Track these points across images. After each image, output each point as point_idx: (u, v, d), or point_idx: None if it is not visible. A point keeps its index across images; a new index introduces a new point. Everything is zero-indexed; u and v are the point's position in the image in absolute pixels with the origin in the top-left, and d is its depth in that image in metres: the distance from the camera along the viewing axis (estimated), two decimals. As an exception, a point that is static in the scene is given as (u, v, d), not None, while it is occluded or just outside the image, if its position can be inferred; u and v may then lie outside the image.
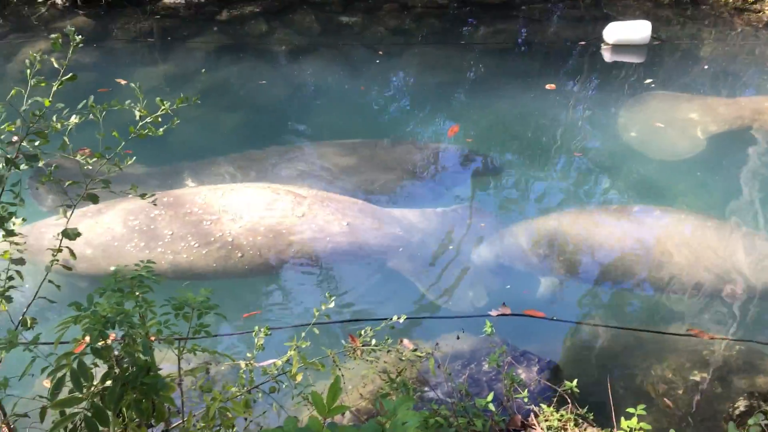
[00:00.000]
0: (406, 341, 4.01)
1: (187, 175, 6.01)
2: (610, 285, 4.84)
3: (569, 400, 3.29)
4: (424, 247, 5.03)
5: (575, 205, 6.02)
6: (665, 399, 3.70)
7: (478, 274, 4.91)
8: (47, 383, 3.03)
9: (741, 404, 3.53)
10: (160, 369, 1.92)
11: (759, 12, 10.99)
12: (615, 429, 3.08)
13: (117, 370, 1.87)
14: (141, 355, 1.88)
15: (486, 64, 9.68)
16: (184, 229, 4.64)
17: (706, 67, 9.32)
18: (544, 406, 3.27)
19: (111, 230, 4.60)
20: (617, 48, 9.72)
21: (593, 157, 6.81)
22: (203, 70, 8.68)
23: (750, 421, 3.15)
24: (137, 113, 2.30)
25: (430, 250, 5.04)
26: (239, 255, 4.55)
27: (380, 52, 9.60)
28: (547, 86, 8.39)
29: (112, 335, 1.88)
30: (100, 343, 1.84)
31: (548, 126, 7.46)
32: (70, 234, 2.32)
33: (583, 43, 10.18)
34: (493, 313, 4.26)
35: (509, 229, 5.37)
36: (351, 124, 7.58)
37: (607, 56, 9.64)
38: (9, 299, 2.24)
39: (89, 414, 1.83)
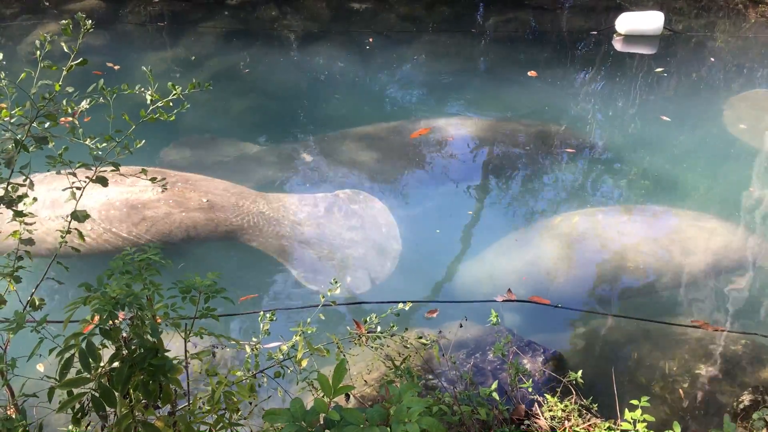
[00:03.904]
0: (431, 313, 4.06)
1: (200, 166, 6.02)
2: (614, 278, 4.83)
3: (573, 391, 3.30)
4: (296, 229, 4.99)
5: (579, 200, 5.99)
6: (673, 390, 3.70)
7: (360, 260, 4.86)
8: (41, 366, 3.06)
9: (746, 398, 3.52)
10: (167, 351, 1.93)
11: (773, 4, 10.89)
12: (619, 420, 3.08)
13: (125, 351, 1.88)
14: (149, 337, 1.89)
15: (496, 53, 9.63)
16: (39, 202, 4.60)
17: (712, 59, 9.24)
18: (548, 396, 3.28)
19: None
20: (629, 38, 9.66)
21: (598, 152, 6.77)
22: (193, 57, 8.66)
23: (754, 416, 3.15)
24: (148, 97, 2.29)
25: (303, 232, 5.00)
26: (89, 228, 4.51)
27: (371, 39, 9.54)
28: (529, 73, 8.34)
29: (121, 315, 1.89)
30: (108, 324, 1.85)
31: (554, 117, 7.43)
32: (79, 216, 2.33)
33: (594, 32, 10.11)
34: (499, 298, 4.27)
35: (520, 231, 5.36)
36: (357, 111, 7.57)
37: (619, 46, 9.57)
38: (18, 279, 2.25)
39: (96, 394, 1.85)
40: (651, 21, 9.57)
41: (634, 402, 3.01)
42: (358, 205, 5.38)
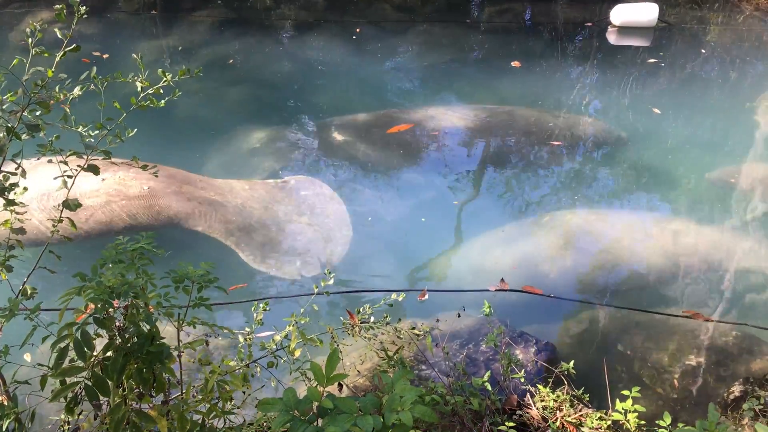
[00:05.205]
0: (422, 296, 4.07)
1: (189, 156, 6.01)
2: (606, 270, 4.85)
3: (565, 381, 3.31)
4: (242, 213, 5.00)
5: (570, 192, 5.98)
6: (664, 381, 3.72)
7: (310, 244, 4.89)
8: (28, 356, 3.05)
9: (736, 389, 3.55)
10: (162, 339, 1.93)
11: (767, -3, 10.90)
12: (610, 410, 3.10)
13: (119, 340, 1.87)
14: (144, 325, 1.89)
15: (489, 44, 9.61)
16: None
17: (703, 51, 9.24)
18: (540, 386, 3.29)
19: None
20: (623, 30, 9.65)
21: (590, 144, 6.77)
22: (180, 47, 8.60)
23: (744, 406, 3.18)
24: (139, 85, 2.28)
25: (250, 216, 5.01)
26: (28, 218, 4.48)
27: (358, 30, 9.49)
28: (513, 63, 8.33)
29: (115, 303, 1.88)
30: (103, 313, 1.84)
31: (547, 109, 7.41)
32: (71, 205, 2.32)
33: (589, 24, 10.10)
34: (492, 288, 4.28)
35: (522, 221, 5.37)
36: (346, 101, 7.54)
37: (613, 38, 9.56)
38: (9, 268, 2.24)
39: (90, 384, 1.84)
40: (646, 12, 9.56)
41: (626, 392, 3.03)
42: (308, 192, 5.43)
